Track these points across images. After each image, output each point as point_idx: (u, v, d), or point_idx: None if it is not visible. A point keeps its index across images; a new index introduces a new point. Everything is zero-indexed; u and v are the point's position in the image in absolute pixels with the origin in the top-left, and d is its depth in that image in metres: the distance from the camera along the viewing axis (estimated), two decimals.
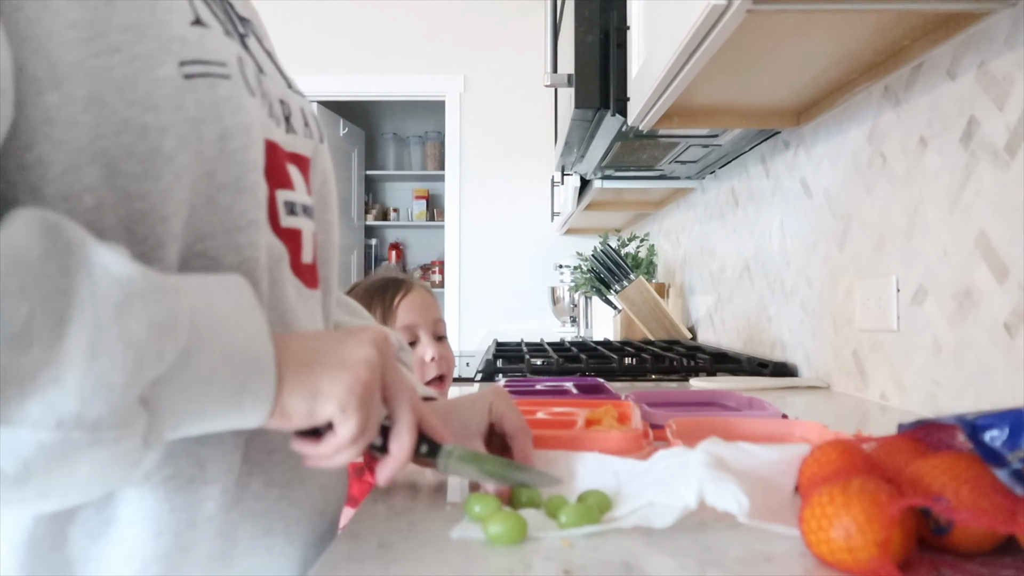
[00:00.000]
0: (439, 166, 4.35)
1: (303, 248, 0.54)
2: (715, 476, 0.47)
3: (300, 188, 0.54)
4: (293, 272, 0.53)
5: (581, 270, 2.61)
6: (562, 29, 1.66)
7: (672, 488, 0.48)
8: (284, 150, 0.53)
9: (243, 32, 0.54)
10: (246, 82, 0.48)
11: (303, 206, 0.54)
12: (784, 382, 1.22)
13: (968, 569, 0.41)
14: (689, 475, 0.48)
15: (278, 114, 0.53)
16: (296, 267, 0.53)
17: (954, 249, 0.89)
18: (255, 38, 0.56)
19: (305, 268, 0.55)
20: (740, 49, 0.95)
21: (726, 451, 0.52)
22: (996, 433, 0.41)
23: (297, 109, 0.57)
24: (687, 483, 0.47)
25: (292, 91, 0.58)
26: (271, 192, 0.50)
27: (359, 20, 3.51)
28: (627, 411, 0.74)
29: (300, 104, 0.59)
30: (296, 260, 0.53)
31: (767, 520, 0.46)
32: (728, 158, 1.72)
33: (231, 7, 0.54)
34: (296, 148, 0.55)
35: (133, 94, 0.41)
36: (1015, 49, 0.79)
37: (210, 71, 0.44)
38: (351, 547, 0.46)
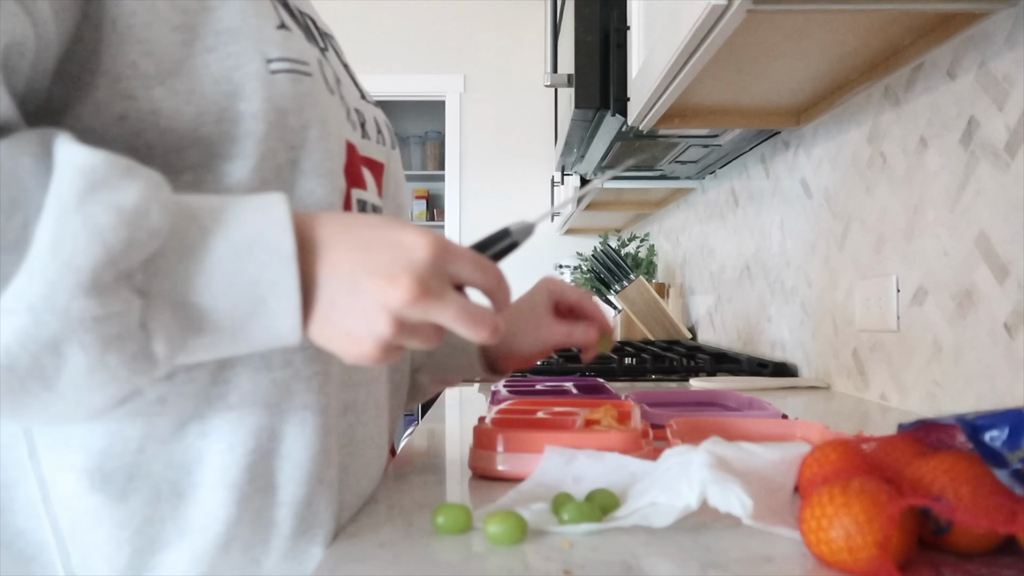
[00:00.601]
0: (439, 166, 4.34)
1: None
2: (718, 477, 0.47)
3: (372, 190, 0.60)
4: None
5: (581, 270, 2.61)
6: (562, 29, 1.66)
7: (674, 488, 0.48)
8: (359, 153, 0.58)
9: (323, 45, 0.60)
10: (326, 81, 0.53)
11: (373, 206, 0.60)
12: (784, 382, 1.22)
13: (968, 569, 0.41)
14: (692, 475, 0.48)
15: (354, 120, 0.59)
16: None
17: (954, 249, 0.89)
18: (334, 51, 0.63)
19: None
20: (740, 49, 0.95)
21: (728, 451, 0.52)
22: (996, 433, 0.41)
23: (371, 118, 0.64)
24: (689, 483, 0.47)
25: (365, 101, 0.64)
26: (347, 190, 0.55)
27: (359, 20, 3.51)
28: (627, 411, 0.74)
29: (373, 113, 0.65)
30: None
31: (770, 522, 0.46)
32: (728, 158, 1.72)
33: (313, 22, 0.60)
34: (371, 153, 0.61)
35: (228, 86, 0.46)
36: (1015, 49, 0.79)
37: (294, 68, 0.49)
38: (351, 547, 0.46)
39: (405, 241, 0.42)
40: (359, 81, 0.66)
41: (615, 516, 0.49)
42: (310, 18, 0.59)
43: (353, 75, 0.65)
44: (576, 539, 0.46)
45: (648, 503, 0.49)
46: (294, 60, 0.49)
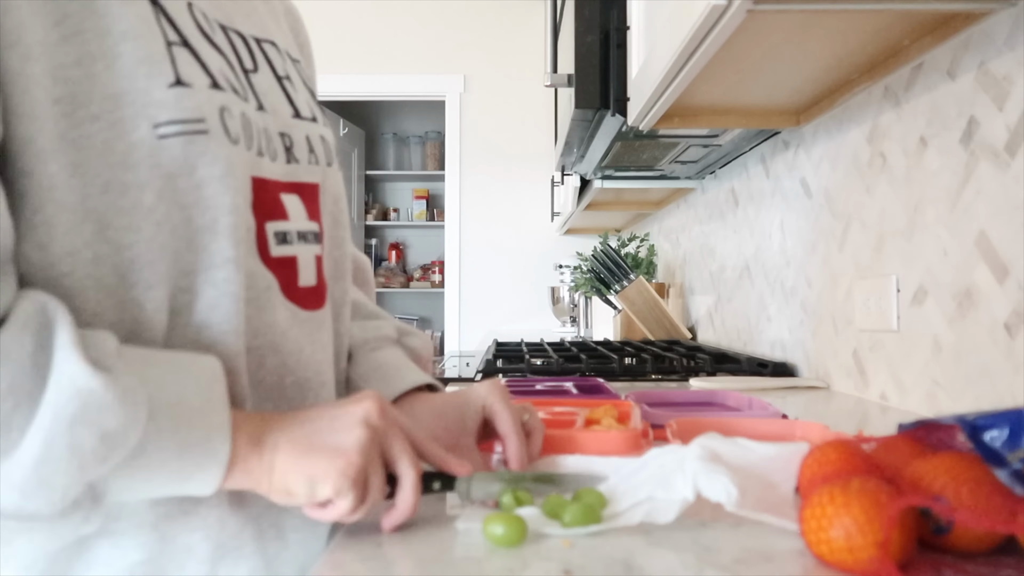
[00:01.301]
0: (439, 166, 4.35)
1: (300, 273, 0.57)
2: (707, 468, 0.48)
3: (297, 216, 0.58)
4: (286, 297, 0.56)
5: (581, 270, 2.61)
6: (562, 29, 1.66)
7: (670, 483, 0.49)
8: (279, 182, 0.56)
9: (251, 66, 0.56)
10: (227, 132, 0.50)
11: (299, 232, 0.58)
12: (784, 382, 1.22)
13: (968, 569, 0.41)
14: (685, 468, 0.49)
15: (275, 148, 0.56)
16: (290, 292, 0.56)
17: (954, 249, 0.89)
18: (268, 66, 0.59)
19: (304, 292, 0.58)
20: (740, 49, 0.95)
21: (723, 446, 0.52)
22: (996, 433, 0.41)
23: (301, 138, 0.60)
24: (684, 477, 0.48)
25: (299, 119, 0.60)
26: (259, 225, 0.54)
27: (359, 20, 3.51)
28: (627, 411, 0.74)
29: (305, 132, 0.61)
30: (291, 286, 0.56)
31: (757, 510, 0.46)
32: (728, 158, 1.72)
33: (241, 36, 0.57)
34: (298, 177, 0.59)
35: (112, 157, 0.45)
36: (1015, 49, 0.79)
37: (186, 129, 0.47)
38: (351, 547, 0.46)
39: (355, 397, 0.50)
40: (294, 95, 0.62)
41: (616, 513, 0.49)
42: (237, 33, 0.57)
43: (288, 90, 0.61)
44: (576, 539, 0.46)
45: (646, 497, 0.49)
46: (187, 121, 0.47)
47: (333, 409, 0.48)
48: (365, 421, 0.47)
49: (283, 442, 0.46)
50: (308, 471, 0.45)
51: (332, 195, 0.64)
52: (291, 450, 0.45)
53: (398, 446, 0.48)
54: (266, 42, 0.61)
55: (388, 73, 3.52)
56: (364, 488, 0.46)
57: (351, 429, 0.46)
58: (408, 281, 4.52)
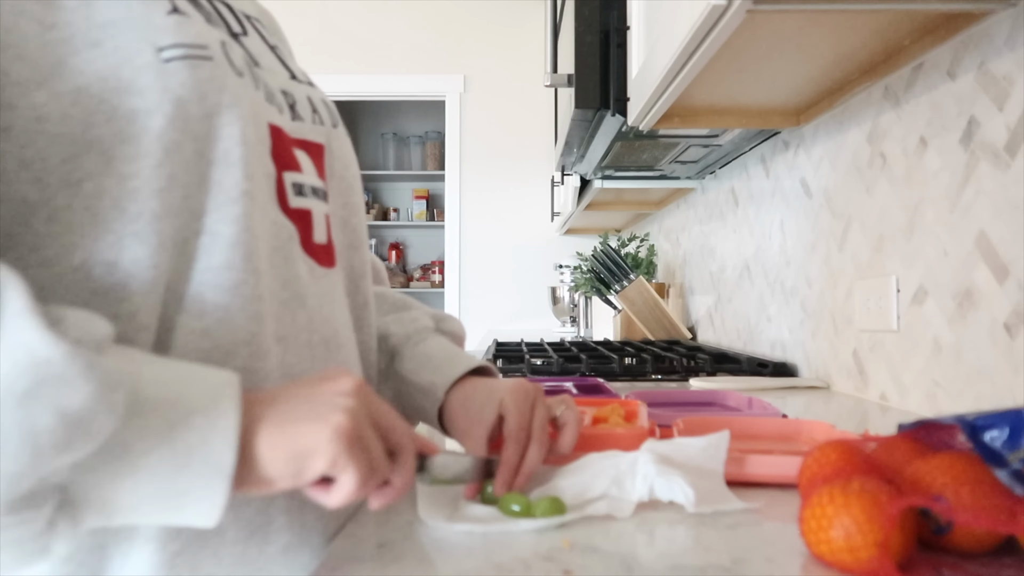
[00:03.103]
0: (439, 166, 4.35)
1: (314, 228, 0.56)
2: (662, 471, 0.53)
3: (309, 171, 0.57)
4: (304, 251, 0.55)
5: (581, 270, 2.61)
6: (562, 29, 1.66)
7: (622, 484, 0.53)
8: (290, 136, 0.55)
9: (239, 30, 0.56)
10: (231, 63, 0.49)
11: (312, 188, 0.56)
12: (784, 382, 1.22)
13: (968, 569, 0.41)
14: (637, 472, 0.53)
15: (280, 102, 0.55)
16: (307, 246, 0.55)
17: (954, 249, 0.89)
18: (258, 34, 0.59)
19: (318, 248, 0.57)
20: (740, 49, 0.95)
21: (663, 447, 0.57)
22: (996, 433, 0.41)
23: (303, 97, 0.59)
24: (635, 479, 0.53)
25: (297, 81, 0.60)
26: (278, 173, 0.52)
27: (359, 20, 3.51)
28: (634, 410, 0.75)
29: (307, 93, 0.60)
30: (307, 239, 0.55)
31: (711, 505, 0.52)
32: (728, 158, 1.72)
33: (229, 6, 0.57)
34: (304, 135, 0.58)
35: (117, 82, 0.43)
36: (1015, 49, 0.79)
37: (191, 53, 0.46)
38: (351, 547, 0.46)
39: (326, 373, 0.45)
40: (290, 61, 0.62)
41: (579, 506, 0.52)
42: (223, 2, 0.56)
43: (282, 56, 0.61)
44: (576, 539, 0.46)
45: (600, 494, 0.53)
46: (190, 45, 0.46)
47: (306, 387, 0.44)
48: (345, 392, 0.43)
49: (258, 423, 0.40)
50: (291, 446, 0.40)
51: (340, 158, 0.62)
52: (265, 429, 0.40)
53: (390, 416, 0.45)
54: (254, 19, 0.61)
55: (388, 73, 3.52)
56: (366, 455, 0.41)
57: (335, 397, 0.42)
58: (408, 281, 4.52)
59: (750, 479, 0.58)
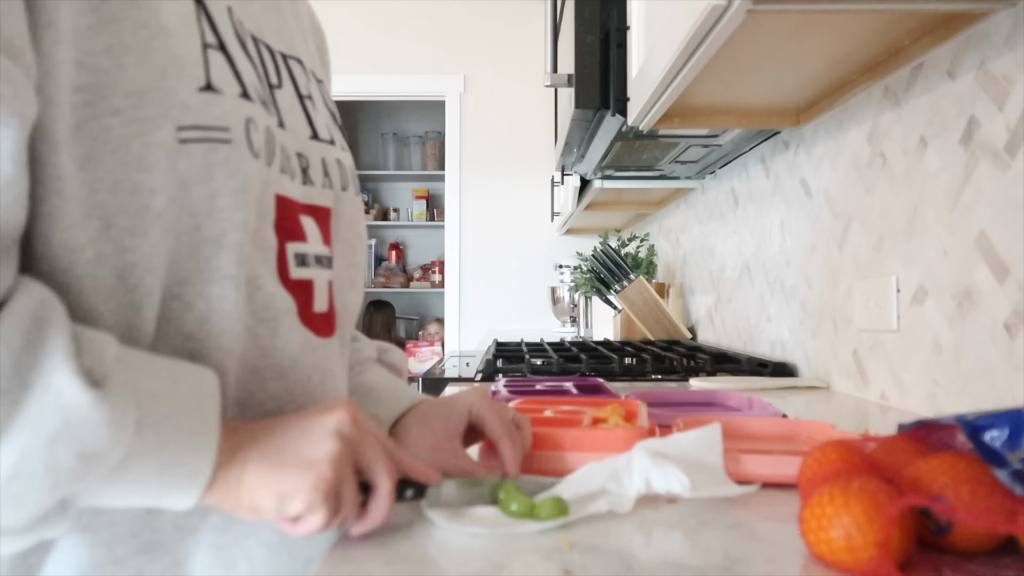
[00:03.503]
0: (439, 166, 4.34)
1: (315, 298, 0.56)
2: (656, 463, 0.55)
3: (314, 239, 0.56)
4: (302, 322, 0.54)
5: (581, 270, 2.61)
6: (562, 29, 1.66)
7: (620, 479, 0.55)
8: (299, 203, 0.55)
9: (276, 81, 0.55)
10: (250, 145, 0.49)
11: (316, 256, 0.56)
12: (784, 382, 1.22)
13: (968, 569, 0.41)
14: (633, 467, 0.55)
15: (294, 168, 0.55)
16: (306, 317, 0.55)
17: (954, 249, 0.89)
18: (292, 83, 0.58)
19: (317, 317, 0.56)
20: (740, 49, 0.95)
21: (657, 444, 0.59)
22: (996, 433, 0.41)
23: (317, 160, 0.58)
24: (631, 474, 0.55)
25: (317, 141, 0.59)
26: (281, 245, 0.52)
27: (359, 20, 3.51)
28: (634, 410, 0.75)
29: (321, 155, 0.59)
30: (307, 310, 0.55)
31: (707, 492, 0.53)
32: (728, 158, 1.72)
33: (270, 50, 0.56)
34: (313, 199, 0.57)
35: (127, 155, 0.43)
36: (1015, 49, 0.79)
37: (209, 136, 0.46)
38: (351, 547, 0.46)
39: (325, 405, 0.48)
40: (314, 116, 0.60)
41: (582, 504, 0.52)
42: (266, 46, 0.55)
43: (308, 110, 0.59)
44: (576, 539, 0.46)
45: (600, 489, 0.54)
46: (211, 128, 0.46)
47: (303, 420, 0.46)
48: (337, 432, 0.45)
49: (253, 457, 0.44)
50: (278, 487, 0.43)
51: (347, 220, 0.62)
52: (260, 465, 0.44)
53: (372, 455, 0.47)
54: (292, 59, 0.59)
55: (388, 73, 3.52)
56: (336, 501, 0.44)
57: (323, 441, 0.44)
58: (408, 281, 4.52)
59: (750, 479, 0.58)
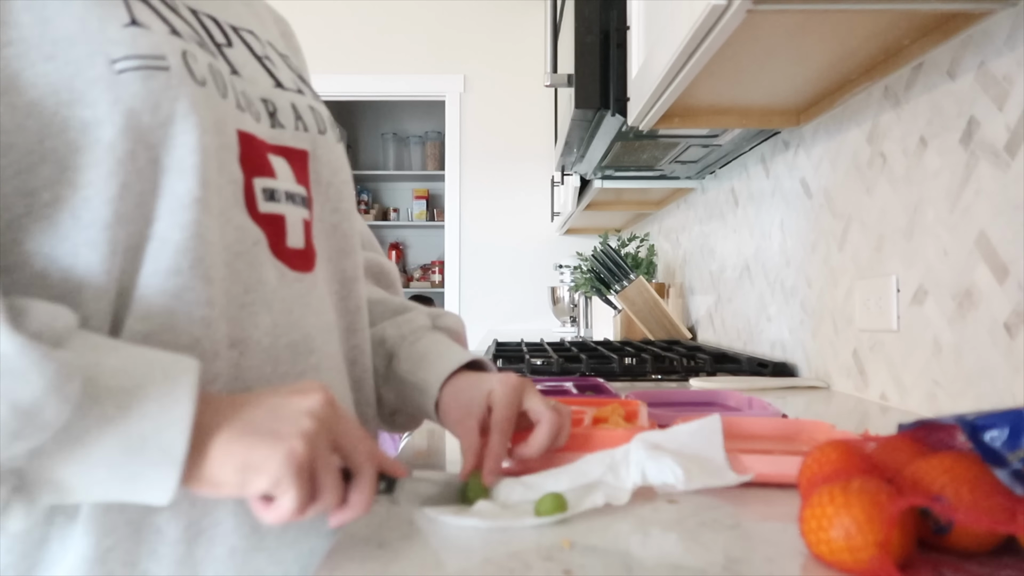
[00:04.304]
0: (439, 166, 4.35)
1: (288, 233, 0.57)
2: (652, 455, 0.55)
3: (286, 177, 0.57)
4: (275, 255, 0.55)
5: (581, 270, 2.61)
6: (562, 29, 1.66)
7: (617, 472, 0.55)
8: (266, 143, 0.56)
9: (223, 40, 0.57)
10: (191, 73, 0.50)
11: (287, 193, 0.57)
12: (784, 382, 1.22)
13: (968, 569, 0.41)
14: (630, 460, 0.55)
15: (258, 110, 0.57)
16: (278, 251, 0.56)
17: (954, 249, 0.89)
18: (245, 46, 0.60)
19: (292, 252, 0.57)
20: (740, 49, 0.95)
21: (655, 437, 0.59)
22: (996, 433, 0.41)
23: (286, 105, 0.60)
24: (628, 467, 0.55)
25: (282, 89, 0.61)
26: (247, 179, 0.53)
27: (359, 20, 3.51)
28: (634, 410, 0.75)
29: (291, 100, 0.61)
30: (279, 244, 0.56)
31: (703, 484, 0.53)
32: (728, 158, 1.72)
33: (215, 20, 0.58)
34: (284, 141, 0.59)
35: (70, 95, 0.44)
36: (1015, 49, 0.79)
37: (145, 64, 0.47)
38: (351, 547, 0.46)
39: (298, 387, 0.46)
40: (275, 71, 0.62)
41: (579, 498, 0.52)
42: (208, 16, 0.57)
43: (269, 65, 0.61)
44: (576, 539, 0.46)
45: (597, 480, 0.54)
46: (144, 56, 0.47)
47: (275, 397, 0.44)
48: (311, 412, 0.43)
49: (216, 425, 0.41)
50: (242, 456, 0.40)
51: (328, 164, 0.63)
52: (225, 433, 0.41)
53: (351, 437, 0.45)
54: (243, 30, 0.61)
55: (388, 73, 3.52)
56: (311, 484, 0.42)
57: (296, 418, 0.42)
58: (408, 281, 4.53)
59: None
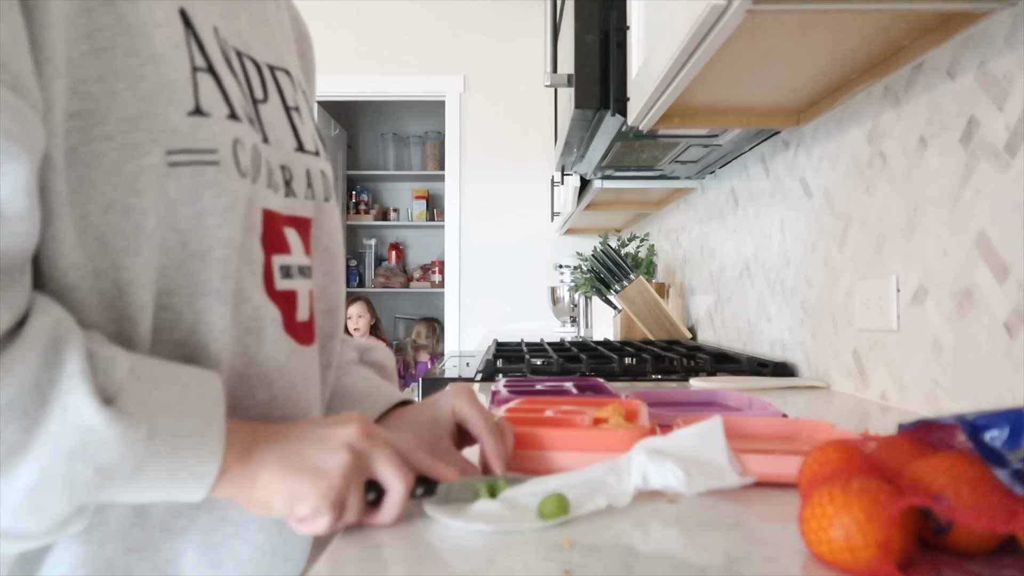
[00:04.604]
0: (439, 166, 4.34)
1: (298, 307, 0.58)
2: (653, 459, 0.55)
3: (297, 251, 0.58)
4: (287, 331, 0.56)
5: (581, 270, 2.61)
6: (562, 29, 1.66)
7: (619, 474, 0.55)
8: (281, 215, 0.56)
9: (261, 96, 0.57)
10: (237, 165, 0.50)
11: (299, 268, 0.58)
12: (784, 382, 1.22)
13: (968, 569, 0.41)
14: (632, 463, 0.56)
15: (277, 181, 0.56)
16: (290, 327, 0.57)
17: (954, 249, 0.89)
18: (278, 94, 0.60)
19: (300, 326, 0.58)
20: (740, 49, 0.95)
21: (657, 442, 0.59)
22: (996, 433, 0.41)
23: (301, 172, 0.60)
24: (631, 470, 0.55)
25: (302, 152, 0.61)
26: (267, 258, 0.54)
27: (359, 20, 3.52)
28: (634, 409, 0.75)
29: (306, 166, 0.61)
30: (291, 320, 0.57)
31: (706, 486, 0.53)
32: (728, 158, 1.72)
33: (255, 63, 0.57)
34: (295, 211, 0.59)
35: (119, 178, 0.45)
36: (1015, 49, 0.79)
37: (198, 159, 0.48)
38: (351, 547, 0.46)
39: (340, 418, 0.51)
40: (300, 128, 0.62)
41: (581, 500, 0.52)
42: (252, 60, 0.57)
43: (295, 122, 0.61)
44: (576, 538, 0.46)
45: (598, 479, 0.55)
46: (200, 151, 0.48)
47: (319, 429, 0.49)
48: (349, 445, 0.48)
49: (270, 458, 0.47)
50: (291, 490, 0.46)
51: (327, 230, 0.64)
52: (277, 467, 0.46)
53: (383, 466, 0.49)
54: (280, 70, 0.61)
55: (388, 73, 3.52)
56: (341, 509, 0.47)
57: (335, 452, 0.47)
58: (408, 281, 4.53)
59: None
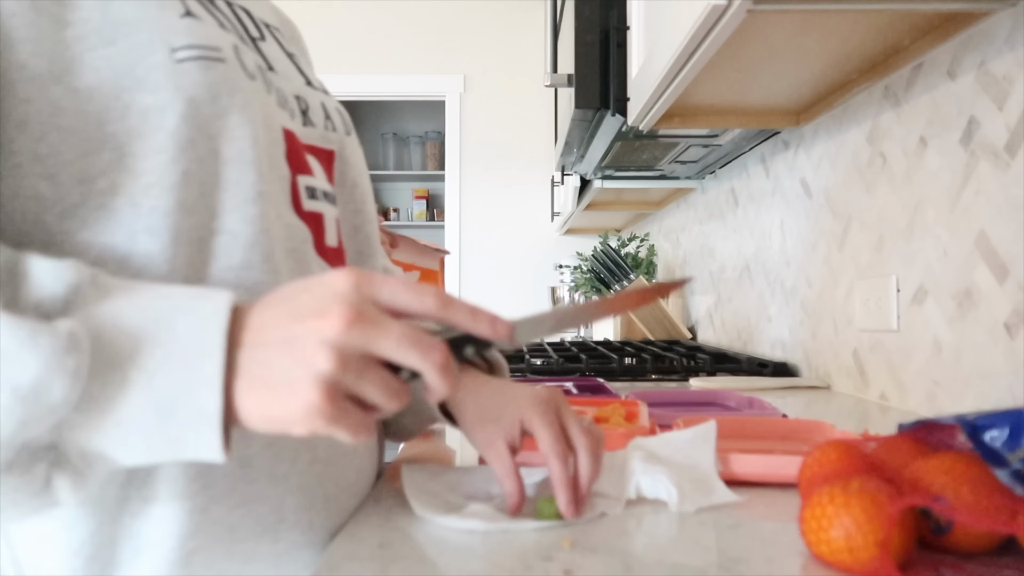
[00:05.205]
0: (439, 166, 4.34)
1: (326, 231, 0.57)
2: (647, 469, 0.54)
3: (320, 176, 0.57)
4: (318, 254, 0.55)
5: (581, 270, 2.61)
6: (562, 29, 1.66)
7: (612, 481, 0.55)
8: (302, 142, 0.56)
9: (257, 35, 0.57)
10: (243, 67, 0.50)
11: (324, 192, 0.57)
12: (784, 382, 1.22)
13: (968, 569, 0.41)
14: (626, 470, 0.55)
15: (293, 108, 0.56)
16: (320, 249, 0.56)
17: (954, 249, 0.89)
18: (276, 41, 0.60)
19: (330, 251, 0.57)
20: (740, 49, 0.95)
21: (651, 443, 0.59)
22: (996, 433, 0.41)
23: (316, 104, 0.60)
24: (625, 476, 0.55)
25: (312, 88, 0.61)
26: (292, 176, 0.53)
27: (359, 20, 3.51)
28: (635, 410, 0.75)
29: (321, 99, 0.61)
30: (320, 242, 0.56)
31: (695, 504, 0.52)
32: (728, 158, 1.72)
33: (248, 13, 0.58)
34: (314, 141, 0.58)
35: (132, 80, 0.44)
36: (1015, 49, 0.79)
37: (204, 55, 0.47)
38: (351, 547, 0.46)
39: (324, 279, 0.39)
40: (307, 69, 0.63)
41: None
42: (242, 8, 0.58)
43: (299, 63, 0.62)
44: (576, 539, 0.46)
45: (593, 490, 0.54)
46: (203, 46, 0.47)
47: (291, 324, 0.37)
48: (328, 342, 0.36)
49: (234, 377, 0.37)
50: (266, 412, 0.37)
51: (354, 166, 0.63)
52: (242, 386, 0.37)
53: (391, 343, 0.37)
54: (272, 27, 0.62)
55: (388, 73, 3.52)
56: (348, 421, 0.38)
57: (310, 357, 0.36)
58: None
59: (749, 479, 0.58)
